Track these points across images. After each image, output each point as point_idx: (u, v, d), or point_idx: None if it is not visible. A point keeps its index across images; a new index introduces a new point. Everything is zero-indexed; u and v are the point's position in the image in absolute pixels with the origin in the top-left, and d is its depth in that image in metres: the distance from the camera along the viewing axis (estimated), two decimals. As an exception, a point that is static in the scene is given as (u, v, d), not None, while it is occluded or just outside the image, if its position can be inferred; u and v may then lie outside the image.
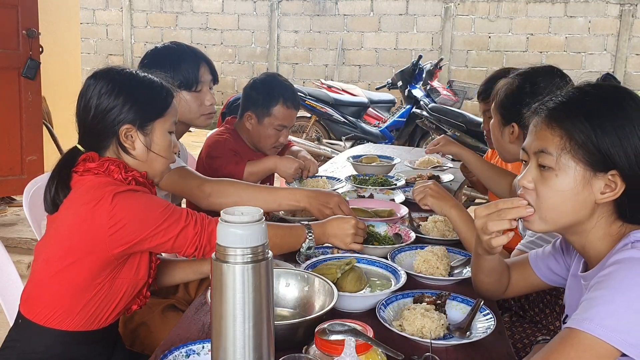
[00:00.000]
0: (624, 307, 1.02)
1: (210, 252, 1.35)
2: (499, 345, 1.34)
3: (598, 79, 1.37)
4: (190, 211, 1.49)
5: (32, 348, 1.46)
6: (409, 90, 6.77)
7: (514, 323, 1.90)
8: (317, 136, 7.00)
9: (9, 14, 4.43)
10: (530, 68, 1.95)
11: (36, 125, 4.69)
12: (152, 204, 1.45)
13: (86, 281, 1.43)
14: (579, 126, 1.14)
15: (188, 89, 2.08)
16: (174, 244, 1.45)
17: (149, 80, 1.57)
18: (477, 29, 9.25)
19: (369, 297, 1.47)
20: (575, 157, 1.14)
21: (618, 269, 1.07)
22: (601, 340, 1.01)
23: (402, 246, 1.83)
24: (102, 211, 1.37)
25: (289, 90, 2.56)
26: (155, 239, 1.42)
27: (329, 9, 9.68)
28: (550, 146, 1.16)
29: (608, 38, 8.82)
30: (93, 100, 1.49)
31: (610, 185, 1.13)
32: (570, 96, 1.20)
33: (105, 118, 1.48)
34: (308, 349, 1.13)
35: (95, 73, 1.53)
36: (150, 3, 10.31)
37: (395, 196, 2.50)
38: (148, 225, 1.41)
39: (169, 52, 2.12)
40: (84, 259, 1.41)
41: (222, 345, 1.00)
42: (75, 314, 1.45)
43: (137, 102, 1.50)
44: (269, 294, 1.02)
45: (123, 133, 1.49)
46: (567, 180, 1.14)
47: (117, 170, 1.46)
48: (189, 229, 1.45)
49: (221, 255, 0.99)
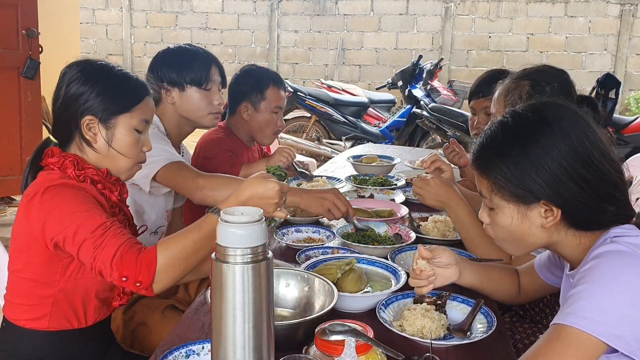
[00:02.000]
0: (606, 299, 1.05)
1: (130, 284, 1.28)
2: (499, 345, 1.33)
3: (598, 79, 1.38)
4: (106, 222, 1.32)
5: (19, 350, 1.45)
6: (409, 90, 6.77)
7: (514, 323, 1.90)
8: (317, 136, 7.00)
9: (9, 14, 4.43)
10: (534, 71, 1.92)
11: (36, 125, 4.69)
12: (78, 205, 1.33)
13: (42, 277, 1.41)
14: (496, 169, 1.20)
15: (198, 86, 2.10)
16: (93, 264, 1.30)
17: (122, 74, 1.51)
18: (477, 29, 9.24)
19: (369, 298, 1.46)
20: (503, 197, 1.21)
21: (598, 263, 1.10)
22: (586, 333, 1.03)
23: (402, 246, 1.83)
24: (34, 203, 1.35)
25: (273, 72, 2.70)
26: (69, 244, 1.31)
27: (329, 9, 9.68)
28: (483, 189, 1.25)
29: (608, 38, 8.81)
30: (62, 88, 1.46)
31: (548, 210, 1.17)
32: (487, 135, 1.25)
33: (70, 107, 1.45)
34: (308, 349, 1.13)
35: (71, 62, 1.50)
36: (150, 3, 10.30)
37: (395, 196, 2.50)
38: (64, 225, 1.31)
39: (182, 52, 2.18)
40: (31, 254, 1.40)
41: (222, 345, 1.00)
42: (47, 312, 1.42)
43: (102, 92, 1.45)
44: (269, 294, 1.02)
45: (85, 124, 1.44)
46: (506, 217, 1.22)
47: (71, 167, 1.41)
48: (89, 242, 1.29)
49: (221, 256, 0.99)
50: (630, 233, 1.14)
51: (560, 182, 1.14)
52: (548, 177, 1.15)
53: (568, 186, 1.14)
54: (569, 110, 1.20)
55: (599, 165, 1.15)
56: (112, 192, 1.48)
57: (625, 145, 4.99)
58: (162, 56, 2.16)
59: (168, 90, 2.09)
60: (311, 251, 1.80)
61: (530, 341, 1.81)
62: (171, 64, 2.10)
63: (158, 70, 2.10)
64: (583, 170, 1.14)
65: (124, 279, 1.28)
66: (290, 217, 2.18)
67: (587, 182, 1.14)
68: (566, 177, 1.14)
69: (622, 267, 1.07)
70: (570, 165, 1.14)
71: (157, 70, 2.11)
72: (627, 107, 8.53)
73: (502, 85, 1.92)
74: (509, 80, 1.90)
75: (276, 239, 1.96)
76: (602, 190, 1.15)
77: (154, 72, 2.11)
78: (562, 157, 1.14)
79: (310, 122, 6.96)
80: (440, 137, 6.39)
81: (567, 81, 1.87)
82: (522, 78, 1.87)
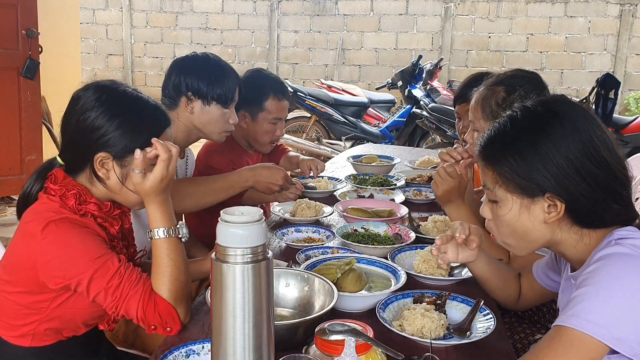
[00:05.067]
0: (609, 301, 1.04)
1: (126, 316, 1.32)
2: (499, 345, 1.34)
3: (598, 79, 1.38)
4: (120, 269, 1.32)
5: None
6: (409, 90, 6.77)
7: (513, 323, 1.90)
8: (317, 136, 7.00)
9: (9, 14, 4.43)
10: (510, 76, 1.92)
11: (36, 125, 4.69)
12: (87, 249, 1.30)
13: (31, 304, 1.36)
14: (502, 160, 1.19)
15: (223, 104, 2.06)
16: (115, 312, 1.33)
17: (142, 105, 1.41)
18: (477, 29, 9.24)
19: (369, 297, 1.46)
20: (508, 189, 1.20)
21: (602, 265, 1.09)
22: (588, 335, 1.03)
23: (402, 246, 1.83)
24: (34, 237, 1.30)
25: (277, 82, 2.56)
26: (83, 289, 1.30)
27: (329, 9, 9.67)
28: (487, 181, 1.24)
29: (608, 38, 8.81)
30: (76, 116, 1.37)
31: (552, 205, 1.17)
32: (495, 128, 1.25)
33: (83, 139, 1.36)
34: (308, 349, 1.13)
35: (86, 85, 1.41)
36: (150, 3, 10.30)
37: (395, 196, 2.50)
38: (75, 271, 1.29)
39: (214, 65, 2.10)
40: (23, 283, 1.35)
41: (222, 345, 1.00)
42: (31, 333, 1.39)
43: (120, 128, 1.35)
44: (269, 294, 1.02)
45: (98, 160, 1.35)
46: (509, 210, 1.21)
47: (73, 200, 1.35)
48: (108, 293, 1.30)
49: (221, 255, 0.99)
50: (634, 235, 1.14)
51: (567, 175, 1.14)
52: (555, 170, 1.14)
53: (575, 180, 1.14)
54: (578, 107, 1.20)
55: (606, 161, 1.14)
56: (112, 225, 1.42)
57: (625, 145, 4.98)
58: (192, 64, 2.08)
59: (191, 100, 2.03)
60: (311, 251, 1.80)
61: (529, 341, 1.81)
62: (202, 75, 2.03)
63: (185, 76, 2.03)
64: (591, 165, 1.13)
65: (153, 327, 1.33)
66: (290, 218, 2.19)
67: (594, 177, 1.14)
68: (573, 171, 1.13)
69: (626, 269, 1.07)
70: (578, 160, 1.13)
71: (183, 77, 2.03)
72: (626, 107, 8.52)
73: (478, 92, 1.91)
74: (484, 88, 1.89)
75: (276, 239, 1.96)
76: (608, 187, 1.15)
77: (179, 77, 2.04)
78: (571, 151, 1.14)
79: (310, 122, 6.96)
80: (440, 137, 6.38)
81: (541, 83, 1.87)
82: (496, 84, 1.86)
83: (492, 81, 1.89)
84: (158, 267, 1.35)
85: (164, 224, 1.37)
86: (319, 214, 2.21)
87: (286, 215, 2.21)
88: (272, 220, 2.26)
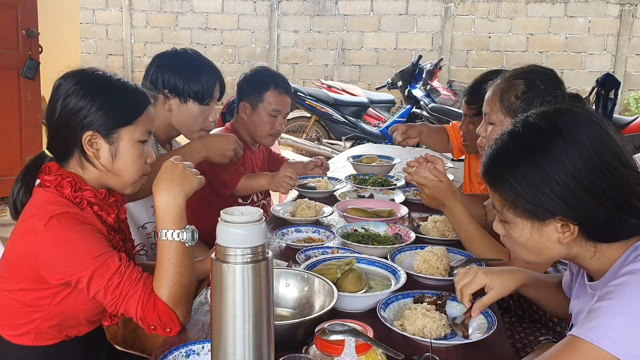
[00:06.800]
0: (631, 319, 1.00)
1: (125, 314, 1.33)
2: (499, 345, 1.34)
3: (598, 79, 1.37)
4: (121, 268, 1.32)
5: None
6: (409, 90, 6.78)
7: (513, 323, 1.90)
8: (317, 136, 7.01)
9: (9, 14, 4.44)
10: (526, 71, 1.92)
11: (35, 125, 4.70)
12: (89, 247, 1.31)
13: (32, 301, 1.37)
14: (506, 183, 1.13)
15: (200, 101, 2.05)
16: (115, 311, 1.34)
17: (121, 84, 1.45)
18: (477, 29, 9.24)
19: (369, 297, 1.46)
20: (516, 213, 1.15)
21: (630, 280, 1.04)
22: (605, 352, 1.00)
23: (402, 246, 1.83)
24: (36, 231, 1.30)
25: (279, 77, 2.62)
26: (83, 286, 1.31)
27: (329, 9, 9.67)
28: (495, 203, 1.19)
29: (608, 38, 8.81)
30: (59, 101, 1.39)
31: (565, 225, 1.11)
32: (497, 146, 1.18)
33: (68, 122, 1.38)
34: (308, 349, 1.13)
35: (65, 74, 1.43)
36: (150, 3, 10.30)
37: (395, 196, 2.51)
38: (76, 269, 1.30)
39: (190, 59, 2.09)
40: (23, 278, 1.35)
41: (222, 345, 1.00)
42: (32, 332, 1.39)
43: (102, 106, 1.38)
44: (269, 294, 1.02)
45: (86, 140, 1.38)
46: (520, 232, 1.16)
47: (68, 188, 1.36)
48: (108, 291, 1.30)
49: (221, 255, 0.99)
50: None
51: (575, 197, 1.07)
52: (562, 192, 1.07)
53: (584, 201, 1.07)
54: (584, 117, 1.12)
55: (617, 175, 1.07)
56: (108, 214, 1.42)
57: (624, 146, 4.99)
58: (169, 60, 2.08)
59: (168, 97, 2.03)
60: (311, 251, 1.80)
61: (530, 341, 1.81)
62: (178, 72, 2.02)
63: (162, 73, 2.03)
64: (600, 182, 1.07)
65: (152, 328, 1.33)
66: (290, 218, 2.19)
67: (605, 195, 1.07)
68: (582, 192, 1.07)
69: None
70: (585, 178, 1.07)
71: (160, 73, 2.03)
72: (626, 107, 8.52)
73: (494, 85, 1.90)
74: (501, 80, 1.88)
75: (276, 239, 1.96)
76: (622, 202, 1.08)
77: (157, 73, 2.04)
78: (577, 169, 1.07)
79: (310, 122, 6.97)
80: (440, 137, 6.38)
81: (558, 80, 1.88)
82: (515, 77, 1.86)
83: (510, 74, 1.88)
84: (160, 270, 1.35)
85: (173, 226, 1.36)
86: (319, 214, 2.21)
87: (286, 215, 2.21)
88: (272, 221, 2.26)
